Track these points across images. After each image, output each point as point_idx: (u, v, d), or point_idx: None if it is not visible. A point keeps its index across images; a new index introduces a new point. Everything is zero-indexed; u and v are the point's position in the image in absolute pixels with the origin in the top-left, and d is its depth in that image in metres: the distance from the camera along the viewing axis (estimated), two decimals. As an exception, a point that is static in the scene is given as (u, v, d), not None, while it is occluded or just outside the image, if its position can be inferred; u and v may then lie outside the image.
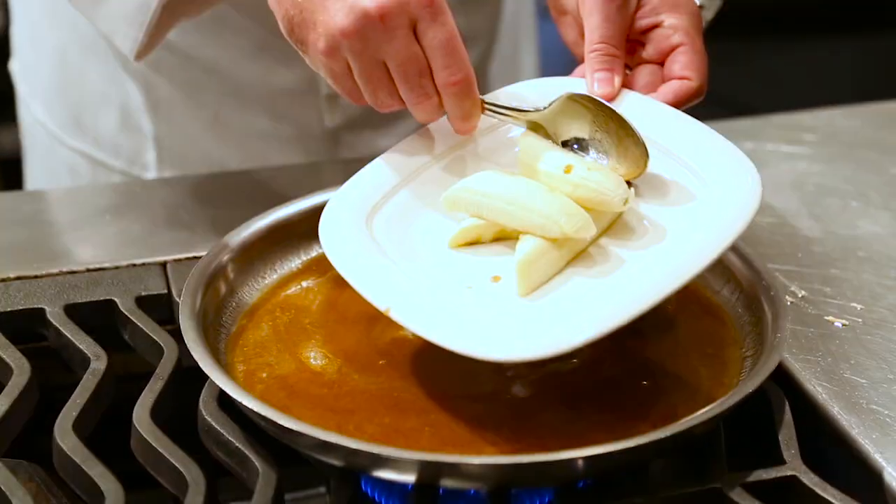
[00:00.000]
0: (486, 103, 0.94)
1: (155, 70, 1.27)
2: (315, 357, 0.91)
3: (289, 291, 0.98)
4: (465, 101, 0.91)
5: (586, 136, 0.93)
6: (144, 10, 1.03)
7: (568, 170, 0.90)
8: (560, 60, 1.21)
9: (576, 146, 0.93)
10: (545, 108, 0.94)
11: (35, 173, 1.45)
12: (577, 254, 0.88)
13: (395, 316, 0.83)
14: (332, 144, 1.32)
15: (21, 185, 1.50)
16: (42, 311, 0.99)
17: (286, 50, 1.27)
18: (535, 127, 0.94)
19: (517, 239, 0.88)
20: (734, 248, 0.97)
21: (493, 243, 0.91)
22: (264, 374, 0.89)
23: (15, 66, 1.45)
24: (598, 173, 0.89)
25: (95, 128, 1.34)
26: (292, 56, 1.23)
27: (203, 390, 0.87)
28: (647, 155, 0.90)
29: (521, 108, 0.95)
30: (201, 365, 0.84)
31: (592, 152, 0.92)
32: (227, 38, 1.26)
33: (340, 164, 1.28)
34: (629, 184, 0.90)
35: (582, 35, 0.98)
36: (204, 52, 1.27)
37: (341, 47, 0.89)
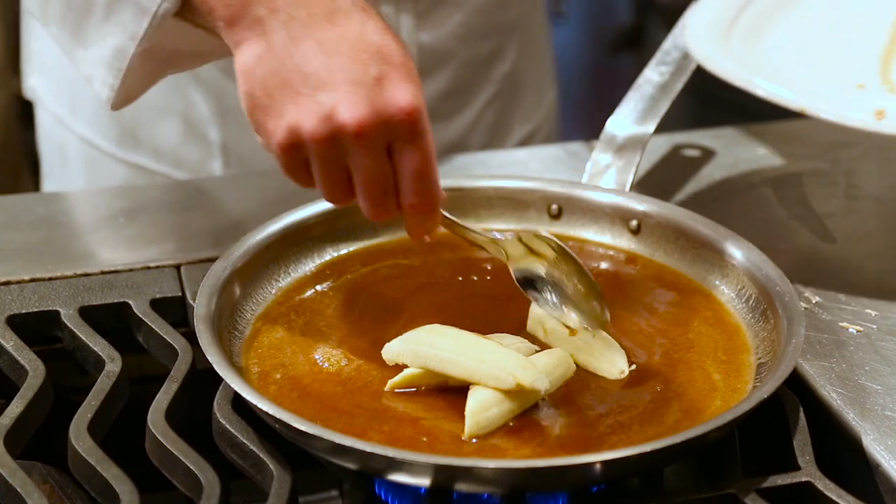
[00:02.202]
0: (448, 219, 0.91)
1: (228, 77, 1.26)
2: (330, 359, 0.91)
3: (304, 295, 0.98)
4: (427, 221, 0.88)
5: (544, 275, 0.92)
6: (121, 57, 0.98)
7: (573, 332, 0.91)
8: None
9: (533, 283, 0.92)
10: (509, 236, 0.92)
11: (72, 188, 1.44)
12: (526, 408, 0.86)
13: None
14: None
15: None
16: (57, 313, 0.99)
17: None
18: (497, 251, 0.93)
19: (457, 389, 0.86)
20: (747, 254, 0.97)
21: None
22: (278, 375, 0.89)
23: (35, 84, 1.43)
24: (601, 341, 0.90)
25: (153, 140, 1.33)
26: None
27: (217, 393, 0.87)
28: (606, 315, 0.88)
29: (480, 231, 0.92)
30: (216, 367, 0.84)
31: (547, 293, 0.92)
32: None
33: None
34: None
35: None
36: None
37: (303, 147, 0.84)
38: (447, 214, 0.91)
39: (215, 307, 0.91)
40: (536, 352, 0.90)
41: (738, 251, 0.98)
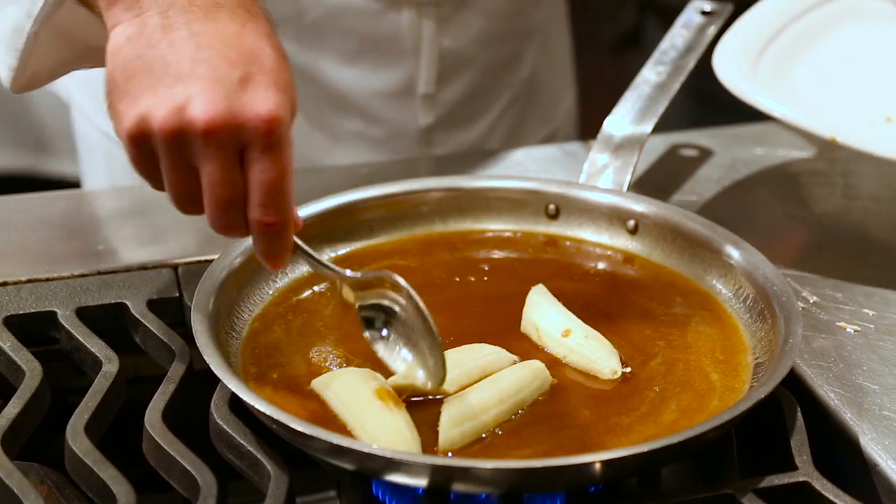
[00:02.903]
0: (300, 247, 0.86)
1: None
2: (327, 359, 0.91)
3: (301, 296, 0.98)
4: (275, 243, 0.83)
5: (387, 318, 0.87)
6: (17, 36, 0.94)
7: (566, 334, 0.91)
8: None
9: (373, 323, 0.87)
10: (359, 274, 0.87)
11: (98, 181, 1.44)
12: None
13: None
14: (425, 143, 1.34)
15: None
16: (54, 313, 0.99)
17: (384, 53, 1.26)
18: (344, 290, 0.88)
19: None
20: (744, 254, 0.97)
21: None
22: (275, 376, 0.89)
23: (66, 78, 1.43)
24: (594, 342, 0.90)
25: None
26: (390, 59, 1.24)
27: (214, 393, 0.87)
28: (443, 375, 0.83)
29: (330, 265, 0.88)
30: (213, 368, 0.84)
31: (392, 333, 0.86)
32: (328, 44, 1.27)
33: (377, 166, 1.28)
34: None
35: None
36: (303, 58, 1.27)
37: (151, 139, 0.79)
38: (299, 242, 0.86)
39: (212, 308, 0.91)
40: (515, 362, 0.89)
41: (735, 251, 0.98)
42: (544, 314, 0.93)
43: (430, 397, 0.86)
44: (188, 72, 0.79)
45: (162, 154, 0.80)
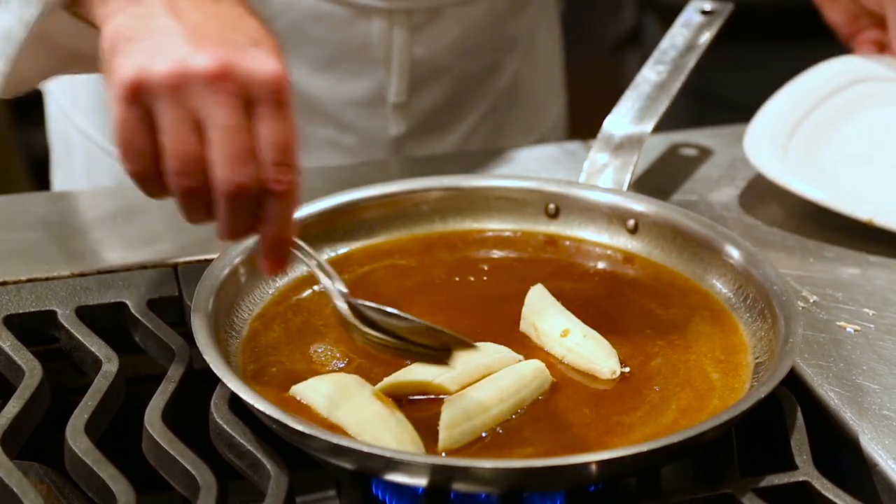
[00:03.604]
0: (297, 245, 0.85)
1: None
2: (326, 358, 0.91)
3: (301, 295, 0.98)
4: (284, 205, 0.78)
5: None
6: (9, 42, 0.93)
7: (565, 334, 0.91)
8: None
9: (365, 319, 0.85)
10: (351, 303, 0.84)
11: (75, 182, 1.43)
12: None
13: None
14: (396, 152, 1.33)
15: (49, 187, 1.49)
16: (54, 313, 0.99)
17: (354, 61, 1.25)
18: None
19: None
20: (744, 253, 0.97)
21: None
22: (275, 374, 0.89)
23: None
24: (592, 342, 0.90)
25: None
26: (360, 67, 1.22)
27: (214, 393, 0.87)
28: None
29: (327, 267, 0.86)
30: (213, 368, 0.84)
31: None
32: (299, 51, 1.26)
33: (372, 165, 1.28)
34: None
35: (851, 19, 1.19)
36: None
37: (148, 91, 0.75)
38: (298, 241, 0.85)
39: (212, 307, 0.91)
40: (518, 362, 0.89)
41: (735, 250, 0.98)
42: (543, 314, 0.93)
43: (430, 397, 0.86)
44: (193, 34, 0.77)
45: (162, 109, 0.75)
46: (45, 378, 0.91)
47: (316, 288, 0.99)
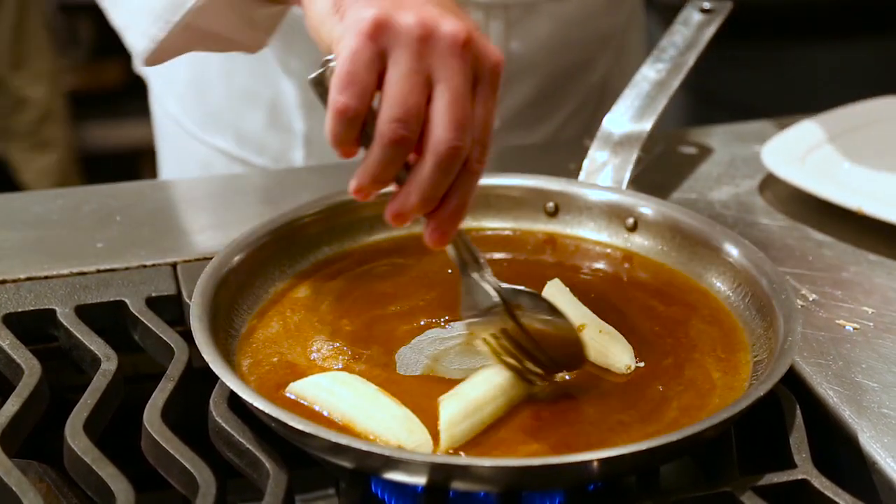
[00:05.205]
0: (460, 233, 0.85)
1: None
2: (327, 355, 0.90)
3: (299, 293, 0.98)
4: (466, 204, 0.80)
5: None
6: (175, 10, 0.95)
7: (580, 328, 0.91)
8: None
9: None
10: (501, 291, 0.85)
11: (168, 166, 1.46)
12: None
13: None
14: None
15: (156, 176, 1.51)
16: (53, 311, 0.99)
17: None
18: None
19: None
20: (744, 251, 0.97)
21: None
22: (272, 368, 0.89)
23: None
24: (608, 337, 0.90)
25: (238, 125, 1.33)
26: None
27: (213, 391, 0.87)
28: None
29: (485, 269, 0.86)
30: (212, 366, 0.84)
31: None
32: None
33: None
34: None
35: None
36: None
37: (392, 34, 0.76)
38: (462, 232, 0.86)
39: (211, 305, 0.91)
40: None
41: (734, 249, 0.98)
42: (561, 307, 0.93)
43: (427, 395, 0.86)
44: (436, 2, 0.78)
45: (401, 55, 0.76)
46: (44, 377, 0.91)
47: (314, 286, 0.98)
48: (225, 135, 1.34)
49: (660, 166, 1.23)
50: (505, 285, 0.86)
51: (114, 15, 1.03)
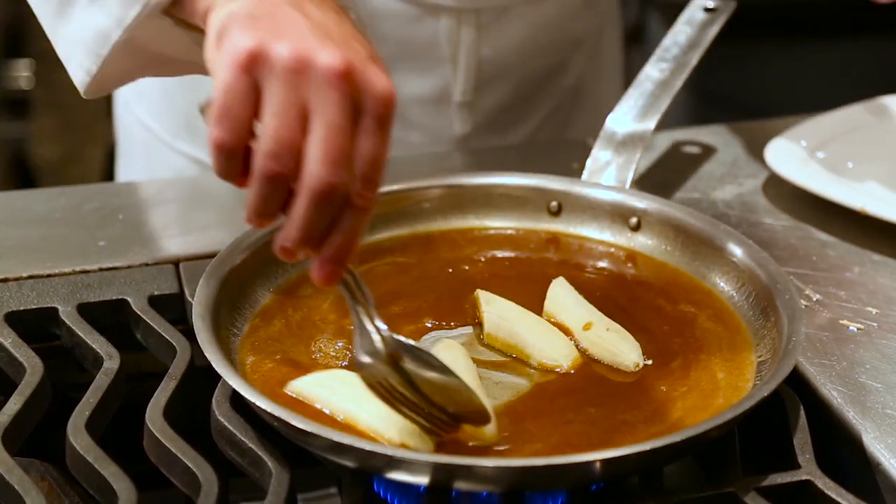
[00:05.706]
0: (352, 273, 0.82)
1: None
2: (327, 355, 0.90)
3: (301, 292, 0.98)
4: (359, 219, 0.77)
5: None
6: (103, 43, 0.92)
7: (587, 326, 0.91)
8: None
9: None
10: (388, 340, 0.81)
11: (135, 173, 1.44)
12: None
13: None
14: (458, 150, 1.32)
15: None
16: (55, 310, 0.99)
17: (421, 59, 1.24)
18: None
19: None
20: (747, 251, 0.97)
21: None
22: (275, 367, 0.89)
23: None
24: (615, 335, 0.90)
25: None
26: (427, 66, 1.21)
27: (216, 390, 0.86)
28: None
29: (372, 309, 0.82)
30: (214, 365, 0.84)
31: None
32: None
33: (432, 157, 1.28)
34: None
35: None
36: None
37: (265, 66, 0.74)
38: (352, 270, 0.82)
39: (213, 304, 0.90)
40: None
41: (738, 248, 0.98)
42: (566, 307, 0.93)
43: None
44: (319, 31, 0.76)
45: (275, 88, 0.74)
46: (46, 375, 0.91)
47: (315, 287, 0.98)
48: (197, 142, 1.33)
49: (663, 166, 1.23)
50: (396, 336, 0.81)
51: (55, 45, 1.00)
